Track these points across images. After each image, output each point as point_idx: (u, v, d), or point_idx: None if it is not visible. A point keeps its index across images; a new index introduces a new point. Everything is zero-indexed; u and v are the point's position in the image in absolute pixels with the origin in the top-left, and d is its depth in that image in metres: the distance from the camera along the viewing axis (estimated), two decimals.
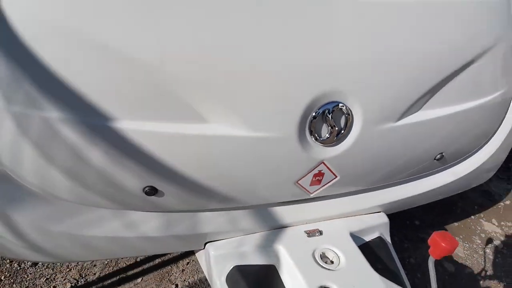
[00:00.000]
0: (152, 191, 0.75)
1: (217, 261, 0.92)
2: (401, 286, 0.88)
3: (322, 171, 0.88)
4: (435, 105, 0.91)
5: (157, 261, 1.57)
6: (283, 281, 0.86)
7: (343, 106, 0.79)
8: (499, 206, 2.36)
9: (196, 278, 1.50)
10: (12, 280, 1.41)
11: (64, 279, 1.45)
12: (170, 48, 0.64)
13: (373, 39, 0.78)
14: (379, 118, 0.84)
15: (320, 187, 0.94)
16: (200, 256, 1.04)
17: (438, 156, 1.04)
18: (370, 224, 1.07)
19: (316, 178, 0.90)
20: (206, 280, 1.50)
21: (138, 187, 0.74)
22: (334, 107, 0.78)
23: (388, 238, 1.11)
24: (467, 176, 1.21)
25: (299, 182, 0.88)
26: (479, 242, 1.96)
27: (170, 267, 1.55)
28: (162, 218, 0.85)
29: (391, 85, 0.83)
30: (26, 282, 1.42)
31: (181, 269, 1.55)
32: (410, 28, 0.81)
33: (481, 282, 1.67)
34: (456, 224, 2.08)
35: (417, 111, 0.90)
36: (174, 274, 1.52)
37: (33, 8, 0.57)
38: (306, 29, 0.72)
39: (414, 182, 1.14)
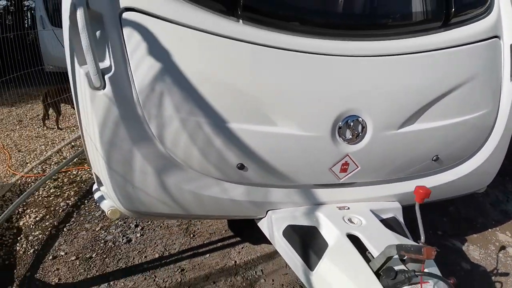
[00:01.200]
0: (242, 166, 1.27)
1: (276, 221, 1.38)
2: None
3: (347, 162, 1.35)
4: (426, 120, 1.36)
5: (219, 244, 2.04)
6: (322, 234, 1.29)
7: (360, 118, 1.27)
8: None
9: (249, 257, 1.93)
10: (104, 256, 1.89)
11: (153, 251, 1.96)
12: (260, 87, 1.19)
13: (380, 78, 1.28)
14: (384, 127, 1.30)
15: (347, 174, 1.39)
16: (262, 224, 1.50)
17: (435, 158, 1.45)
18: (386, 207, 1.47)
19: (344, 167, 1.36)
20: (256, 260, 1.92)
21: (234, 163, 1.26)
22: (354, 119, 1.27)
23: (401, 219, 1.48)
24: (466, 177, 1.57)
25: (332, 168, 1.35)
26: (493, 248, 2.18)
27: (229, 249, 2.01)
28: (244, 188, 1.35)
29: (392, 106, 1.31)
30: (120, 255, 1.93)
31: (238, 251, 1.99)
32: (405, 70, 1.30)
33: (492, 277, 1.89)
34: (475, 235, 2.31)
35: (413, 123, 1.35)
36: (233, 254, 1.96)
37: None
38: (339, 74, 1.24)
39: (421, 178, 1.53)
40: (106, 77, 1.11)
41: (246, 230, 2.11)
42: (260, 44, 1.17)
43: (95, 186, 1.50)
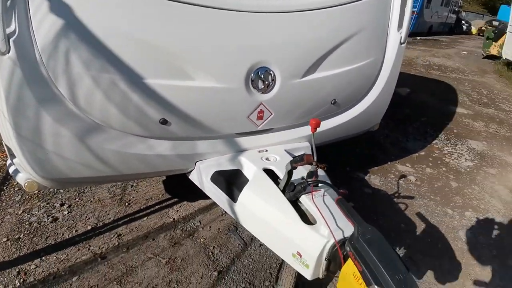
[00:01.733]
0: (164, 121, 1.33)
1: (204, 170, 1.51)
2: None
3: (262, 110, 1.52)
4: (325, 69, 1.59)
5: (157, 207, 2.10)
6: (244, 174, 1.46)
7: (269, 69, 1.43)
8: (414, 156, 3.17)
9: (187, 213, 2.06)
10: (31, 236, 1.80)
11: (85, 224, 1.92)
12: (174, 42, 1.23)
13: (284, 33, 1.44)
14: (290, 76, 1.49)
15: (263, 121, 1.57)
16: (192, 176, 1.61)
17: (333, 101, 1.72)
18: (298, 146, 1.72)
19: (260, 114, 1.53)
20: (194, 214, 2.06)
21: (156, 118, 1.31)
22: (264, 70, 1.42)
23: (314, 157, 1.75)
24: (359, 117, 1.91)
25: (249, 117, 1.51)
26: (393, 177, 2.72)
27: (167, 209, 2.09)
28: (169, 143, 1.43)
29: (295, 57, 1.49)
30: (47, 233, 1.84)
31: (176, 210, 2.09)
32: (306, 25, 1.48)
33: (395, 200, 2.40)
34: (376, 168, 2.84)
35: (314, 72, 1.57)
36: (171, 213, 2.06)
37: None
38: (248, 29, 1.35)
39: (324, 121, 1.81)
40: (11, 40, 1.04)
41: (183, 191, 2.21)
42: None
43: (8, 161, 1.39)
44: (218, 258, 1.72)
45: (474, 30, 20.90)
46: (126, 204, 2.09)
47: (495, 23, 11.29)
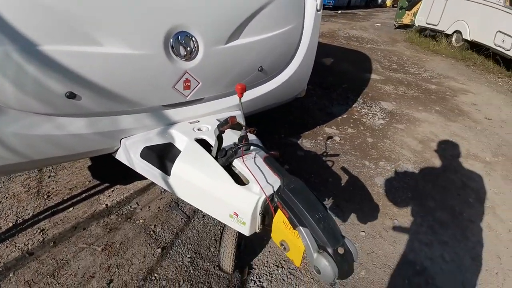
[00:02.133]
0: (72, 95, 1.18)
1: (131, 147, 1.42)
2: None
3: (188, 78, 1.46)
4: (247, 35, 1.59)
5: (84, 195, 1.92)
6: (176, 146, 1.43)
7: (189, 34, 1.36)
8: (338, 119, 3.49)
9: (121, 197, 1.94)
10: None
11: (6, 221, 1.66)
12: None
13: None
14: (213, 42, 1.45)
15: (191, 91, 1.52)
16: (119, 155, 1.50)
17: (260, 68, 1.76)
18: (230, 115, 1.73)
19: (186, 84, 1.47)
20: (129, 196, 1.95)
21: (62, 92, 1.16)
22: (184, 35, 1.35)
23: (243, 123, 1.79)
24: (286, 83, 2.00)
25: (175, 87, 1.44)
26: (321, 139, 2.98)
27: (97, 196, 1.93)
28: (84, 120, 1.28)
29: (216, 22, 1.45)
30: None
31: (107, 195, 1.95)
32: None
33: (323, 158, 2.65)
34: (306, 132, 3.06)
35: (238, 38, 1.56)
36: (102, 199, 1.91)
37: None
38: None
39: (254, 89, 1.85)
40: None
41: (114, 175, 2.06)
42: None
43: None
44: (160, 236, 1.69)
45: (388, 2, 23.06)
46: (45, 196, 1.85)
47: None
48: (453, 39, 7.37)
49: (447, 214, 2.15)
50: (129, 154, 1.43)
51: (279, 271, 1.56)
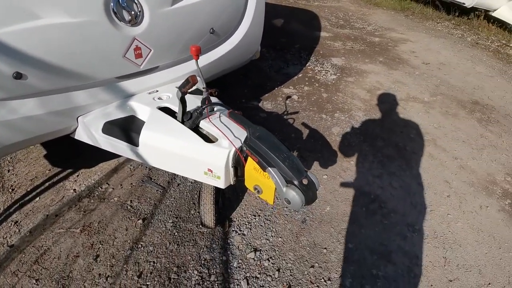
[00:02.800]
0: (18, 75, 1.11)
1: (90, 123, 1.38)
2: None
3: (138, 46, 1.42)
4: None
5: (47, 184, 1.85)
6: (139, 118, 1.42)
7: None
8: (294, 79, 3.61)
9: (89, 180, 1.90)
10: None
11: None
12: None
13: None
14: (158, 4, 1.41)
15: (144, 59, 1.49)
16: (79, 134, 1.45)
17: (211, 30, 1.75)
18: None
19: (137, 52, 1.43)
20: (98, 178, 1.92)
21: (9, 73, 1.08)
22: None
23: (203, 85, 1.81)
24: (239, 46, 2.01)
25: (126, 56, 1.40)
26: (281, 99, 3.09)
27: (62, 183, 1.87)
28: (36, 100, 1.22)
29: None
30: None
31: (73, 180, 1.89)
32: None
33: (284, 117, 2.78)
34: (266, 94, 3.15)
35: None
36: (68, 185, 1.86)
37: None
38: None
39: (208, 53, 1.85)
40: None
41: (75, 160, 1.99)
42: None
43: None
44: (138, 209, 1.72)
45: None
46: (10, 190, 1.75)
47: None
48: None
49: (393, 150, 2.46)
50: (90, 132, 1.39)
51: (256, 219, 1.72)
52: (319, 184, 1.09)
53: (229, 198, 1.83)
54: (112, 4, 1.24)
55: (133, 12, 1.32)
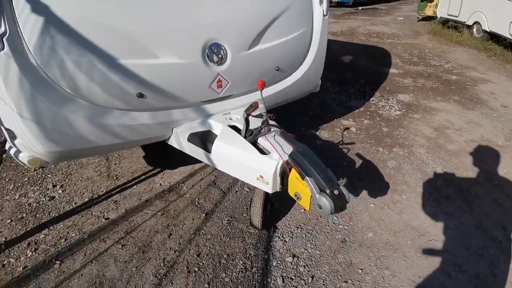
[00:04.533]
0: (140, 95, 1.65)
1: (181, 133, 1.87)
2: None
3: (220, 79, 1.89)
4: (266, 41, 1.99)
5: (142, 177, 2.42)
6: (213, 132, 1.85)
7: (220, 44, 1.79)
8: (355, 112, 3.77)
9: (171, 178, 2.41)
10: (34, 213, 2.07)
11: (81, 198, 2.20)
12: (137, 27, 1.54)
13: (228, 14, 1.80)
14: (238, 49, 1.87)
15: (223, 89, 1.95)
16: (172, 141, 1.96)
17: (277, 68, 2.14)
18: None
19: (219, 83, 1.90)
20: (177, 178, 2.42)
21: (134, 93, 1.63)
22: (216, 45, 1.78)
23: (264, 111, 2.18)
24: (300, 81, 2.36)
25: (211, 86, 1.87)
26: (338, 130, 3.28)
27: (152, 178, 2.42)
28: (149, 113, 1.75)
29: (240, 33, 1.86)
30: (49, 209, 2.11)
31: (160, 177, 2.44)
32: (242, 6, 1.85)
33: (339, 146, 2.95)
34: (325, 125, 3.38)
35: (258, 44, 1.96)
36: (156, 180, 2.40)
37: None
38: (198, 11, 1.69)
39: (273, 85, 2.24)
40: (4, 39, 1.28)
41: (163, 163, 2.55)
42: None
43: (8, 144, 1.63)
44: (203, 205, 2.13)
45: None
46: (114, 178, 2.38)
47: None
48: (474, 30, 7.25)
49: (454, 191, 2.36)
50: (179, 139, 1.88)
51: (298, 231, 1.92)
52: (349, 197, 1.28)
53: (277, 209, 2.09)
54: (207, 50, 1.75)
55: (219, 55, 1.81)
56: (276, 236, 1.88)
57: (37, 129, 1.48)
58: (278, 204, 2.12)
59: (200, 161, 1.88)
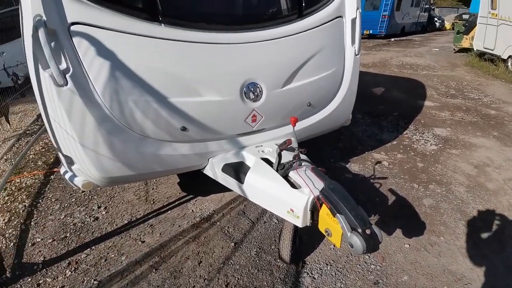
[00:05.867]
0: (184, 128, 1.81)
1: (216, 164, 1.99)
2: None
3: (255, 114, 2.01)
4: (299, 79, 2.11)
5: (177, 202, 2.55)
6: (247, 164, 1.94)
7: (257, 83, 1.94)
8: (387, 145, 3.70)
9: (203, 205, 2.51)
10: (78, 232, 2.26)
11: (122, 220, 2.35)
12: (186, 70, 1.73)
13: (266, 56, 1.96)
14: (273, 87, 2.00)
15: (257, 123, 2.06)
16: (207, 171, 2.08)
17: (309, 104, 2.24)
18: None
19: (253, 118, 2.03)
20: (208, 205, 2.51)
21: (178, 126, 1.80)
22: (253, 85, 1.93)
23: (296, 145, 2.24)
24: (331, 115, 2.42)
25: (246, 120, 2.00)
26: (369, 164, 3.23)
27: (185, 204, 2.54)
28: (189, 145, 1.90)
29: (275, 73, 2.01)
30: (92, 229, 2.29)
31: (192, 203, 2.54)
32: (281, 48, 2.00)
33: (371, 181, 2.90)
34: (355, 157, 3.35)
35: (291, 83, 2.09)
36: (189, 206, 2.51)
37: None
38: (239, 55, 1.87)
39: (304, 119, 2.32)
40: (67, 76, 1.51)
41: (196, 190, 2.67)
42: (184, 41, 1.70)
43: (63, 169, 1.84)
44: (233, 234, 2.17)
45: (448, 25, 21.91)
46: (151, 202, 2.53)
47: (465, 16, 12.14)
48: (509, 63, 6.97)
49: (491, 233, 2.19)
50: (214, 169, 1.99)
51: (328, 268, 1.88)
52: (382, 237, 1.26)
53: (306, 244, 2.07)
54: (244, 88, 1.90)
55: (255, 93, 1.94)
56: (305, 272, 1.85)
57: (95, 157, 1.68)
58: (307, 238, 2.11)
59: (231, 190, 1.97)
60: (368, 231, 1.22)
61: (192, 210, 2.44)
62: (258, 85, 1.95)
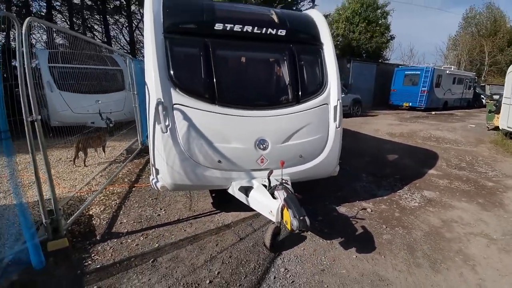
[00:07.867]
0: (220, 161, 3.21)
1: (235, 185, 3.30)
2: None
3: (263, 158, 3.35)
4: (294, 139, 3.45)
5: (208, 213, 3.82)
6: (253, 187, 3.20)
7: (265, 139, 3.32)
8: (377, 199, 4.59)
9: (225, 217, 3.73)
10: (148, 219, 3.63)
11: (174, 217, 3.68)
12: (226, 130, 3.22)
13: (273, 125, 3.38)
14: (276, 143, 3.37)
15: (264, 163, 3.39)
16: (231, 190, 3.38)
17: (300, 156, 3.50)
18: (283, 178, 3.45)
19: (261, 160, 3.36)
20: (228, 222, 3.72)
21: (216, 160, 3.21)
22: (263, 140, 3.32)
23: (289, 183, 3.44)
24: (318, 166, 3.62)
25: (257, 161, 3.34)
26: (356, 209, 4.17)
27: (214, 215, 3.80)
28: (219, 171, 3.28)
29: (278, 135, 3.39)
30: (157, 219, 3.64)
31: (219, 215, 3.79)
32: (283, 121, 3.42)
33: (351, 219, 3.86)
34: (347, 203, 4.32)
35: (289, 141, 3.44)
36: (217, 216, 3.76)
37: None
38: (255, 123, 3.32)
39: (296, 166, 3.55)
40: (168, 128, 3.09)
41: (223, 207, 3.96)
42: (226, 114, 3.22)
43: (151, 177, 3.34)
44: (240, 234, 3.33)
45: None
46: (193, 211, 3.86)
47: (495, 96, 12.58)
48: None
49: (427, 260, 2.95)
50: (233, 189, 3.30)
51: (294, 258, 2.89)
52: (309, 223, 2.37)
53: (285, 246, 3.12)
54: (257, 142, 3.28)
55: (264, 145, 3.31)
56: (279, 257, 2.90)
57: (171, 171, 3.14)
58: (287, 243, 3.16)
59: (245, 209, 3.21)
60: (301, 218, 2.36)
61: (217, 219, 3.69)
62: (266, 141, 3.33)
